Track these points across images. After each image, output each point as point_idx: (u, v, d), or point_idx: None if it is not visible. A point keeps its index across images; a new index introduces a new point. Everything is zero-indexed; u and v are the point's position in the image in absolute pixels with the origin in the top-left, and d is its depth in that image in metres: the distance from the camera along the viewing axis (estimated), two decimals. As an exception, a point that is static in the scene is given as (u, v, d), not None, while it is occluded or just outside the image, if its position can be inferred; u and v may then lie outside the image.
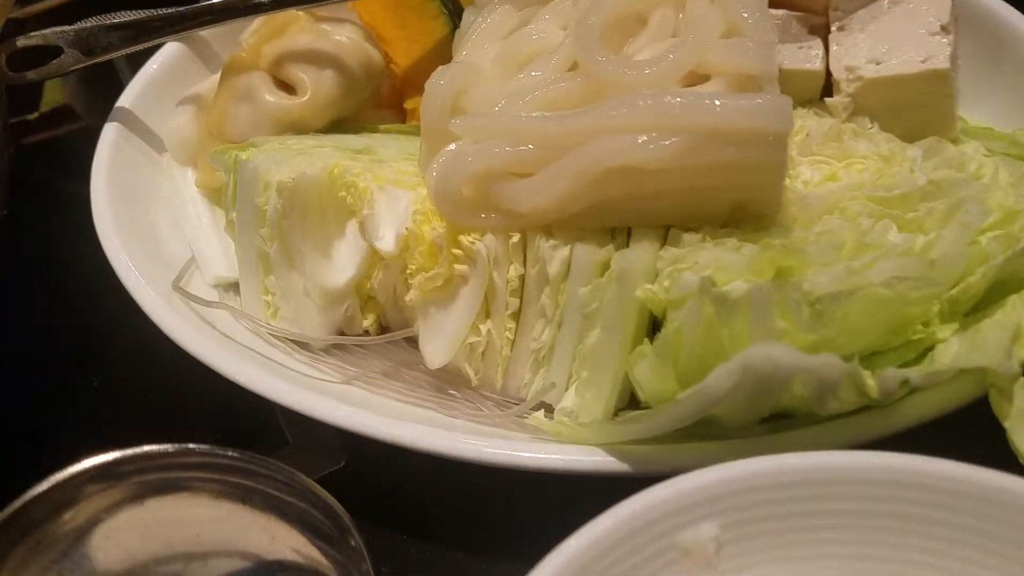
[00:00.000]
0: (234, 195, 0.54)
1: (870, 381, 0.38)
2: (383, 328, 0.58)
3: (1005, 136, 0.55)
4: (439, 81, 0.50)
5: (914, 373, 0.36)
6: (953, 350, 0.41)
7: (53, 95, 1.04)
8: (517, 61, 0.52)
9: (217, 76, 0.67)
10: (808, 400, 0.38)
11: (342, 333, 0.57)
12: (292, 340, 0.55)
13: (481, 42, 0.54)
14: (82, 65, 0.62)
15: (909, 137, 0.56)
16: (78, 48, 0.61)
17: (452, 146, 0.49)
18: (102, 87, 0.73)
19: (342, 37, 0.63)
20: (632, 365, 0.44)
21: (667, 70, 0.45)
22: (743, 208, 0.45)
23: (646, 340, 0.44)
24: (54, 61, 0.62)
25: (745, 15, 0.46)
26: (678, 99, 0.41)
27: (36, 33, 0.62)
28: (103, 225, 0.57)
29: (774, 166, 0.42)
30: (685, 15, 0.50)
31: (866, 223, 0.45)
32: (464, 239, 0.49)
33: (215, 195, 0.63)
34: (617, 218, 0.46)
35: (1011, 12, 0.60)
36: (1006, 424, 0.38)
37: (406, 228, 0.50)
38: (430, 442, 0.45)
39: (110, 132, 0.63)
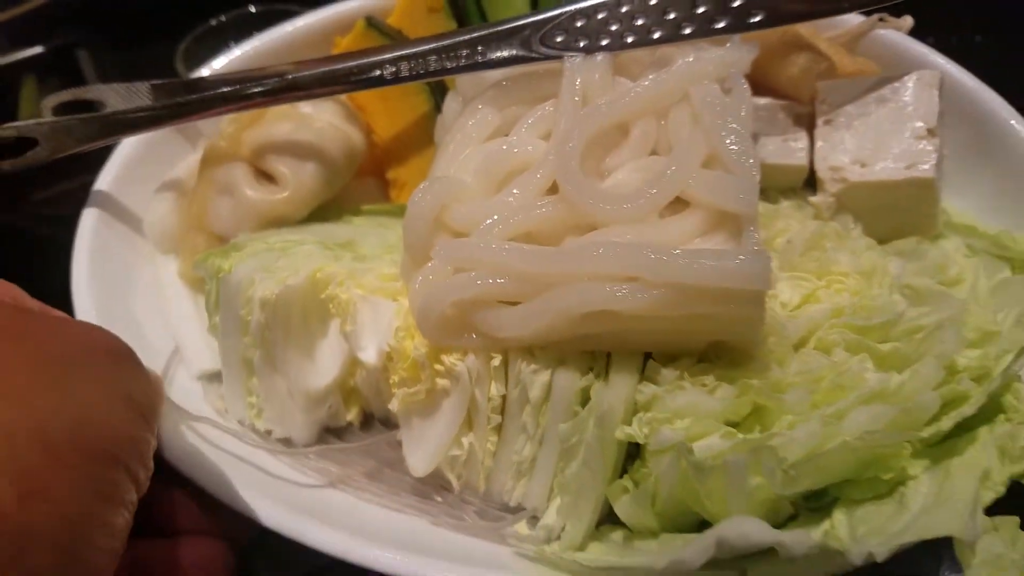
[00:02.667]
0: (216, 303, 0.56)
1: (843, 540, 0.40)
2: (367, 417, 0.61)
3: (988, 236, 0.57)
4: (421, 199, 0.51)
5: (879, 548, 0.38)
6: (922, 491, 0.43)
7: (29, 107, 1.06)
8: (499, 175, 0.53)
9: (194, 157, 0.68)
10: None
11: (326, 428, 0.60)
12: (279, 439, 0.58)
13: (462, 147, 0.55)
14: (58, 156, 0.62)
15: (892, 235, 0.58)
16: (54, 140, 0.62)
17: (432, 264, 0.51)
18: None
19: (322, 122, 0.64)
20: (615, 499, 0.46)
21: (646, 205, 0.47)
22: (721, 342, 0.47)
23: (626, 476, 0.46)
24: (30, 152, 0.62)
25: (730, 145, 0.47)
26: (656, 256, 0.42)
27: (11, 125, 0.62)
28: (86, 318, 0.58)
29: (751, 320, 0.44)
30: (668, 130, 0.52)
31: (842, 356, 0.47)
32: (446, 358, 0.51)
33: (198, 284, 0.64)
34: (597, 345, 0.48)
35: (999, 104, 0.61)
36: (967, 574, 0.40)
37: (388, 344, 0.52)
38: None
39: (89, 219, 0.64)
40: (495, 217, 0.50)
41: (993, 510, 0.42)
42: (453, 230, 0.52)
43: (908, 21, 0.65)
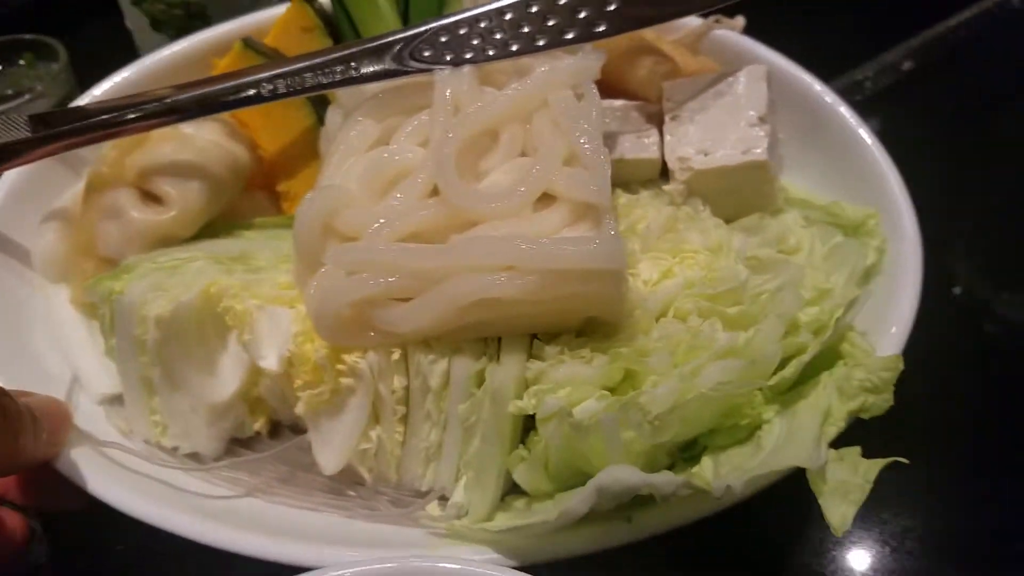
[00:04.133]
0: (111, 325, 0.57)
1: (706, 479, 0.46)
2: (275, 425, 0.63)
3: (822, 207, 0.65)
4: (309, 208, 0.54)
5: (736, 481, 0.44)
6: (775, 432, 0.50)
7: None
8: (381, 181, 0.57)
9: (78, 185, 0.68)
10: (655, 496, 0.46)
11: (234, 439, 0.61)
12: (186, 455, 0.59)
13: (346, 157, 0.58)
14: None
15: (738, 213, 0.65)
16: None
17: (326, 269, 0.54)
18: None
19: (204, 141, 0.66)
20: (512, 467, 0.51)
21: (518, 202, 0.52)
22: (593, 318, 0.52)
23: (523, 446, 0.51)
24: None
25: (584, 144, 0.52)
26: (526, 246, 0.47)
27: None
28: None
29: (614, 296, 0.49)
30: (532, 133, 0.56)
31: (696, 322, 0.53)
32: (347, 357, 0.54)
33: (91, 309, 0.64)
34: (486, 332, 0.52)
35: (823, 90, 0.69)
36: (820, 500, 0.46)
37: (288, 349, 0.55)
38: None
39: (-28, 253, 0.64)
40: (382, 220, 0.53)
41: (839, 444, 0.49)
42: (342, 235, 0.55)
43: (740, 21, 0.73)
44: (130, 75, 0.77)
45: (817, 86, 0.70)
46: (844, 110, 0.69)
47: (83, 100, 0.75)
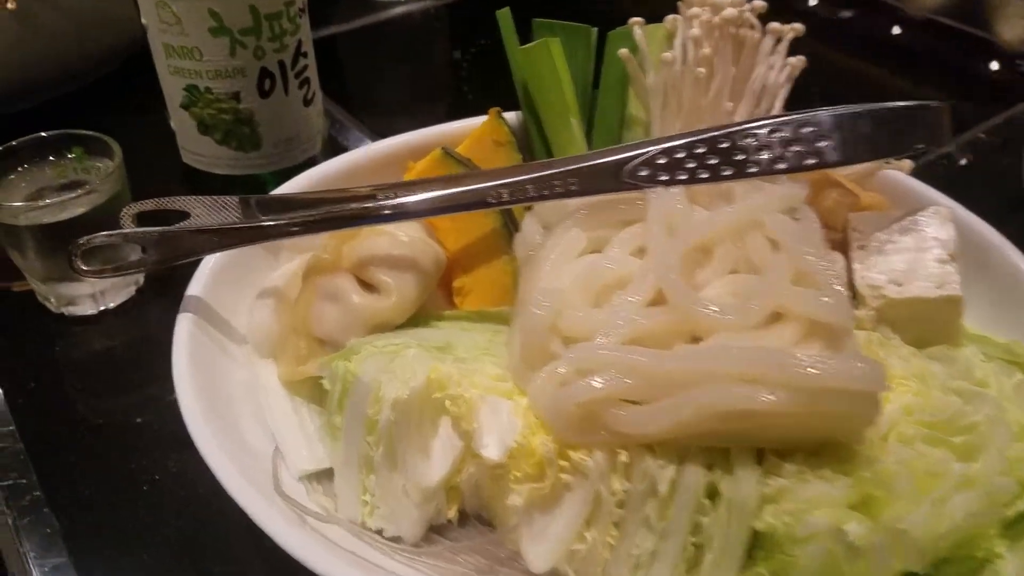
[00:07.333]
0: (340, 402, 0.55)
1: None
2: (463, 514, 0.60)
3: (1001, 345, 0.63)
4: (538, 310, 0.53)
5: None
6: (1009, 567, 0.47)
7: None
8: (598, 287, 0.56)
9: (287, 267, 0.69)
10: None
11: (431, 526, 0.58)
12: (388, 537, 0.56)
13: (560, 263, 0.58)
14: (164, 266, 0.62)
15: (920, 343, 0.63)
16: (160, 249, 0.61)
17: (559, 369, 0.52)
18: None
19: (409, 237, 0.66)
20: (752, 589, 0.47)
21: (753, 316, 0.51)
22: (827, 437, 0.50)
23: (759, 563, 0.48)
24: (137, 258, 0.61)
25: (815, 265, 0.52)
26: (793, 360, 0.45)
27: (117, 232, 0.61)
28: (197, 429, 0.56)
29: (868, 417, 0.47)
30: (748, 252, 0.56)
31: (924, 449, 0.50)
32: (573, 454, 0.51)
33: (295, 387, 0.63)
34: (718, 441, 0.50)
35: (994, 233, 0.69)
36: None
37: (516, 440, 0.52)
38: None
39: (184, 323, 0.63)
40: (617, 323, 0.52)
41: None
42: (565, 336, 0.54)
43: (908, 163, 0.73)
44: (326, 169, 0.79)
45: (987, 228, 0.70)
46: (1011, 251, 0.69)
47: (283, 189, 0.77)
